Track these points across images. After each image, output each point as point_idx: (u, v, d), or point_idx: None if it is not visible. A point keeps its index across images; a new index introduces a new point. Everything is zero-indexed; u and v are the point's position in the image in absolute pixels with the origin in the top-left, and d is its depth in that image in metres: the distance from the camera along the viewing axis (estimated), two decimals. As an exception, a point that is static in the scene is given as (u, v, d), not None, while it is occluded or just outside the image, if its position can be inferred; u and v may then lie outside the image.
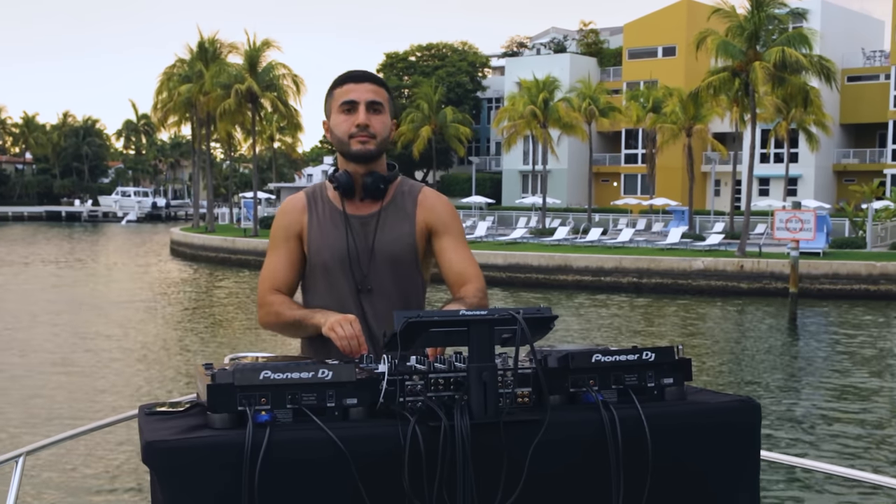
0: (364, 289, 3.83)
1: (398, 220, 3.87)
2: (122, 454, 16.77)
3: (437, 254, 3.91)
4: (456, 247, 3.91)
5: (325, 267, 3.85)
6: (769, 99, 55.09)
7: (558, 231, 59.72)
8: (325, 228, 3.86)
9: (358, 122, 3.77)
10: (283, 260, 3.91)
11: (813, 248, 42.82)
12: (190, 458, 2.67)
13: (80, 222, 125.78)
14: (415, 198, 3.92)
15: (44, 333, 31.30)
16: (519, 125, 71.47)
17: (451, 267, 3.87)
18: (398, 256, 3.85)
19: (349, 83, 3.81)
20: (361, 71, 3.87)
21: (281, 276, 3.90)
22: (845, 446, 18.05)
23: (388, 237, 3.84)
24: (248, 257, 58.45)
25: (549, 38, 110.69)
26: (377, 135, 3.80)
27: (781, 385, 23.45)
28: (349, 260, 3.83)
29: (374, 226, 3.85)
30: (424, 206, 3.91)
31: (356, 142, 3.79)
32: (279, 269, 3.91)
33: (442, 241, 3.90)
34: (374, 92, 3.80)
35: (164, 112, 77.92)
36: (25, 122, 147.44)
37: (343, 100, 3.80)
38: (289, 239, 3.91)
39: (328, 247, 3.84)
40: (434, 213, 3.91)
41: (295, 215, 3.91)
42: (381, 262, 3.83)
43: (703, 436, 3.00)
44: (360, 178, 3.85)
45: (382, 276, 3.84)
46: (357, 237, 3.84)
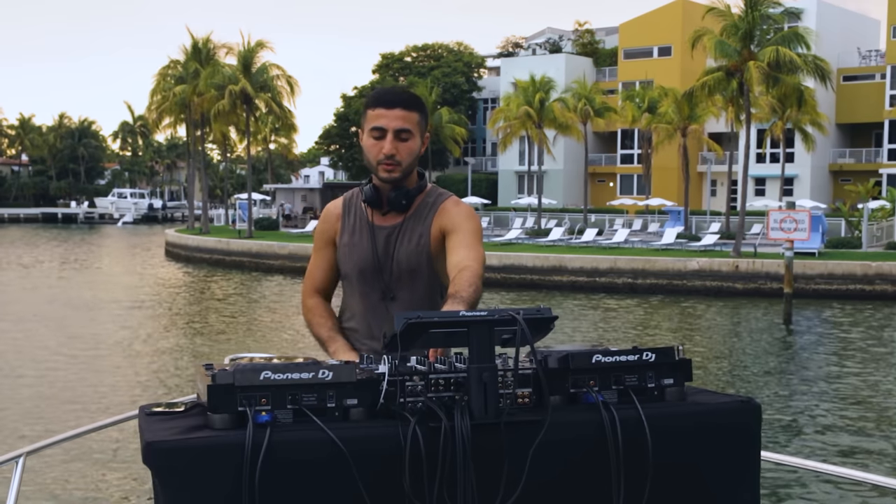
0: (387, 297, 4.02)
1: (416, 230, 4.01)
2: (123, 454, 16.76)
3: (448, 249, 3.95)
4: (461, 241, 3.89)
5: (352, 275, 4.08)
6: (764, 99, 55.05)
7: (553, 232, 59.73)
8: (354, 238, 4.07)
9: (385, 151, 3.90)
10: (321, 263, 4.20)
11: (808, 248, 42.83)
12: (190, 458, 2.67)
13: (77, 224, 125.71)
14: (436, 207, 4.04)
15: (42, 334, 31.29)
16: (514, 125, 71.41)
17: (451, 260, 3.87)
18: (414, 266, 4.00)
19: (380, 108, 3.90)
20: (394, 93, 3.96)
21: (319, 278, 4.20)
22: (841, 447, 18.06)
23: (405, 248, 4.00)
24: (242, 259, 58.43)
25: (545, 38, 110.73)
26: (402, 162, 3.92)
27: (775, 386, 23.44)
28: (373, 270, 4.03)
29: (396, 237, 4.01)
30: (441, 212, 4.02)
31: (382, 169, 3.93)
32: (317, 272, 4.20)
33: (450, 240, 3.95)
34: (402, 119, 3.89)
35: (158, 113, 77.78)
36: (21, 124, 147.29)
37: (373, 125, 3.91)
38: (326, 244, 4.18)
39: (354, 257, 4.06)
40: (447, 216, 4.00)
41: (331, 222, 4.16)
42: (401, 272, 4.00)
43: (704, 436, 3.00)
44: (386, 192, 4.02)
45: (404, 284, 4.01)
46: (380, 249, 4.02)
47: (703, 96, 52.57)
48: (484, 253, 3.91)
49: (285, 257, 55.18)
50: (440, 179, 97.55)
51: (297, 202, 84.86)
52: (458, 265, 3.80)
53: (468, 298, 3.51)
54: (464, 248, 3.87)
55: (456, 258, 3.85)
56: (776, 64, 47.95)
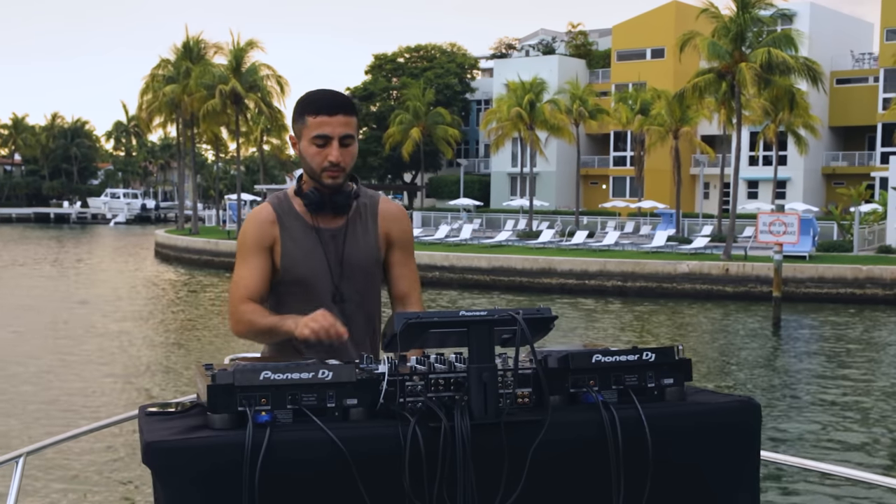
0: (336, 300, 3.96)
1: (363, 232, 4.03)
2: (122, 454, 16.76)
3: (389, 265, 4.11)
4: (406, 261, 4.14)
5: (300, 282, 3.96)
6: (756, 101, 55.07)
7: (543, 234, 59.66)
8: (300, 242, 3.96)
9: (331, 158, 3.87)
10: (254, 270, 3.97)
11: (799, 251, 42.83)
12: (190, 458, 2.68)
13: (69, 224, 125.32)
14: (375, 210, 4.07)
15: (40, 334, 31.25)
16: (506, 127, 71.43)
17: (398, 282, 4.12)
18: (365, 267, 4.01)
19: (322, 115, 3.85)
20: (333, 98, 3.90)
21: (253, 285, 3.95)
22: (830, 449, 18.10)
23: (355, 249, 3.99)
24: (231, 259, 57.96)
25: (538, 39, 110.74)
26: (346, 168, 3.91)
27: (763, 389, 23.44)
28: (323, 273, 3.96)
29: (343, 239, 3.98)
30: (385, 218, 4.08)
31: (327, 176, 3.90)
32: (251, 279, 3.96)
33: (394, 254, 4.10)
34: (345, 125, 3.87)
35: (148, 113, 77.59)
36: (14, 124, 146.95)
37: (316, 133, 3.86)
38: (260, 250, 3.97)
39: (304, 260, 3.95)
40: (393, 225, 4.09)
41: (266, 228, 3.97)
42: (350, 272, 3.98)
43: (704, 436, 3.01)
44: (328, 195, 3.95)
45: (352, 285, 3.98)
46: (329, 251, 3.97)
47: (693, 98, 52.61)
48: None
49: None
50: (433, 181, 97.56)
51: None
52: (406, 296, 4.13)
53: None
54: (407, 271, 4.14)
55: (403, 286, 4.13)
56: (768, 66, 47.99)
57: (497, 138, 73.62)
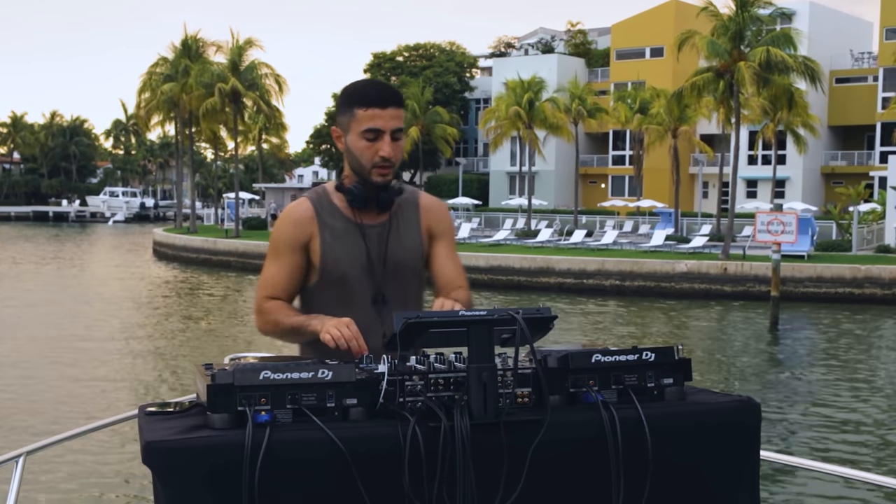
0: (379, 298, 3.82)
1: (407, 228, 3.90)
2: (122, 454, 16.75)
3: (432, 258, 3.97)
4: (449, 253, 4.00)
5: (342, 279, 3.81)
6: (755, 100, 55.04)
7: (542, 233, 59.62)
8: (342, 240, 3.82)
9: (382, 153, 3.72)
10: (285, 269, 3.85)
11: (798, 250, 42.82)
12: (190, 458, 2.67)
13: (68, 223, 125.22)
14: (416, 204, 3.95)
15: (38, 334, 31.20)
16: (504, 126, 71.40)
17: (443, 273, 3.96)
18: (410, 263, 3.89)
19: (374, 108, 3.70)
20: (384, 90, 3.77)
21: (282, 284, 3.85)
22: (827, 448, 18.09)
23: (399, 245, 3.86)
24: (229, 258, 58.24)
25: (537, 38, 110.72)
26: (396, 163, 3.77)
27: (760, 389, 23.43)
28: (367, 271, 3.82)
29: (387, 235, 3.85)
30: (427, 212, 3.96)
31: (378, 173, 3.76)
32: (281, 278, 3.85)
33: (438, 247, 3.97)
34: (397, 118, 3.73)
35: (146, 111, 77.45)
36: (13, 122, 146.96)
37: (368, 126, 3.71)
38: (295, 249, 3.83)
39: (347, 258, 3.81)
40: (435, 218, 3.98)
41: (304, 225, 3.83)
42: (394, 270, 3.85)
43: (703, 436, 3.01)
44: (375, 191, 3.81)
45: (395, 283, 3.85)
46: (372, 247, 3.83)
47: (692, 97, 52.59)
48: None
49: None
50: (431, 179, 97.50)
51: (287, 202, 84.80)
52: (452, 281, 3.96)
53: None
54: (453, 264, 4.00)
55: (449, 273, 3.97)
56: (767, 65, 47.98)
57: (496, 137, 73.57)
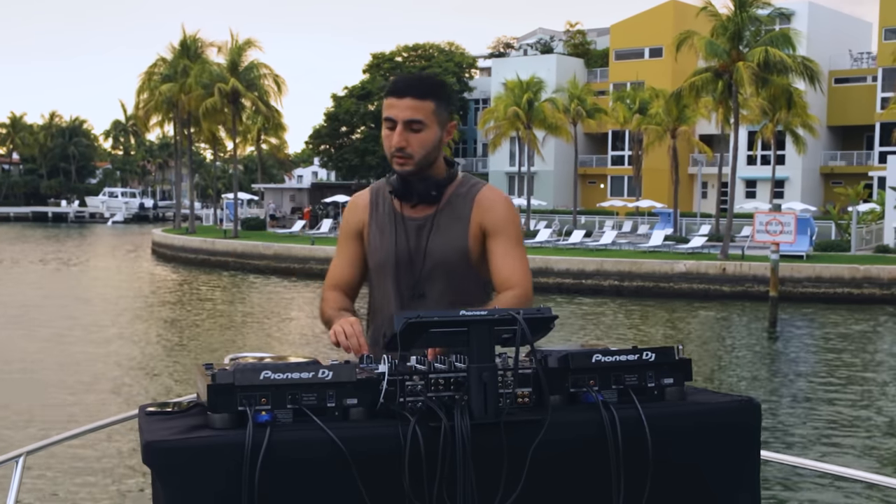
0: (417, 294, 3.80)
1: (452, 223, 3.81)
2: (123, 454, 16.76)
3: (489, 256, 3.82)
4: (506, 251, 3.80)
5: (379, 269, 3.88)
6: (754, 100, 55.07)
7: (540, 233, 59.61)
8: (383, 230, 3.86)
9: (394, 143, 3.72)
10: (345, 258, 3.98)
11: (797, 250, 42.83)
12: (190, 458, 2.67)
13: (67, 223, 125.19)
14: (472, 199, 3.84)
15: (37, 334, 31.21)
16: (503, 126, 71.37)
17: (498, 272, 3.80)
18: (450, 261, 3.80)
19: (392, 97, 3.72)
20: (406, 81, 3.77)
21: (341, 274, 3.97)
22: (826, 448, 18.09)
23: (440, 241, 3.80)
24: (227, 259, 58.22)
25: (536, 38, 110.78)
26: (414, 155, 3.72)
27: (759, 389, 23.42)
28: (401, 264, 3.82)
29: (429, 230, 3.81)
30: (481, 206, 3.83)
31: (395, 162, 3.77)
32: (340, 267, 3.98)
33: (493, 244, 3.81)
34: (413, 109, 3.69)
35: (145, 112, 77.38)
36: (12, 122, 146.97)
37: (386, 115, 3.74)
38: (351, 238, 3.96)
39: (382, 248, 3.85)
40: (489, 213, 3.82)
41: (358, 214, 3.95)
42: (433, 266, 3.80)
43: (704, 436, 3.01)
44: (413, 183, 3.81)
45: (436, 281, 3.80)
46: (411, 241, 3.81)
47: (690, 97, 52.63)
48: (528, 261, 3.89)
49: (270, 258, 55.00)
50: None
51: (286, 202, 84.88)
52: (507, 280, 3.77)
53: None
54: (509, 262, 3.79)
55: (505, 271, 3.78)
56: (765, 65, 48.00)
57: (495, 138, 73.53)
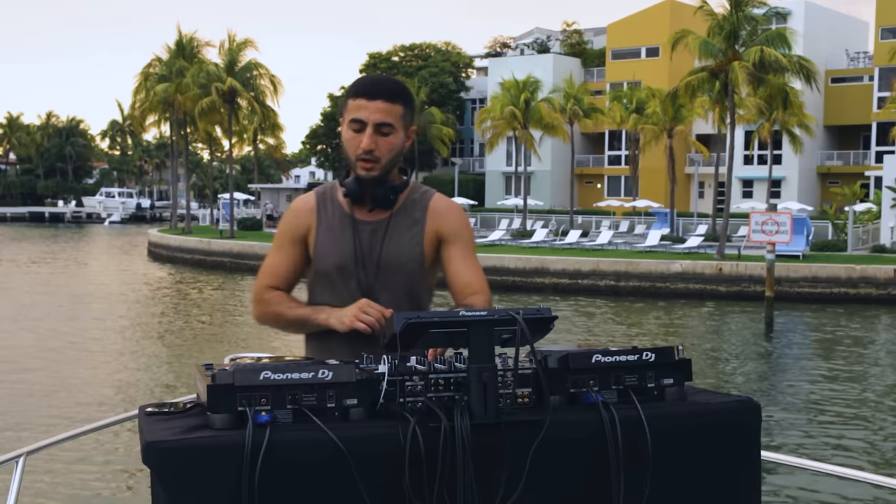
0: (370, 298, 3.70)
1: (407, 227, 3.81)
2: (122, 454, 16.77)
3: (444, 263, 3.86)
4: (464, 257, 3.85)
5: (330, 273, 3.79)
6: (751, 100, 55.13)
7: (537, 233, 59.66)
8: (334, 233, 3.80)
9: (363, 146, 3.67)
10: (285, 261, 3.85)
11: (793, 250, 42.84)
12: (190, 458, 2.67)
13: (64, 223, 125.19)
14: (425, 205, 3.85)
15: (36, 333, 31.20)
16: (500, 126, 71.39)
17: (457, 278, 3.82)
18: (405, 265, 3.80)
19: (361, 98, 3.66)
20: (377, 83, 3.74)
21: (282, 275, 3.85)
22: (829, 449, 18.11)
23: (395, 245, 3.78)
24: (224, 259, 58.24)
25: (533, 38, 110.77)
26: (381, 158, 3.70)
27: (756, 389, 23.41)
28: (355, 267, 3.77)
29: (383, 233, 3.78)
30: (435, 213, 3.84)
31: (361, 166, 3.70)
32: (280, 269, 3.85)
33: (450, 250, 3.84)
34: (384, 112, 3.66)
35: (141, 112, 77.31)
36: (8, 122, 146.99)
37: (353, 116, 3.67)
38: (293, 241, 3.84)
39: (335, 252, 3.78)
40: (445, 220, 3.84)
41: (303, 217, 3.84)
42: (387, 270, 3.78)
43: (704, 436, 3.00)
44: (370, 186, 3.77)
45: (389, 284, 3.78)
46: (364, 244, 3.77)
47: (686, 97, 52.68)
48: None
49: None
50: (427, 180, 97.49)
51: (283, 202, 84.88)
52: (468, 286, 3.81)
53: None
54: (468, 268, 3.84)
55: (466, 276, 3.82)
56: (761, 64, 48.04)
57: (491, 137, 73.61)
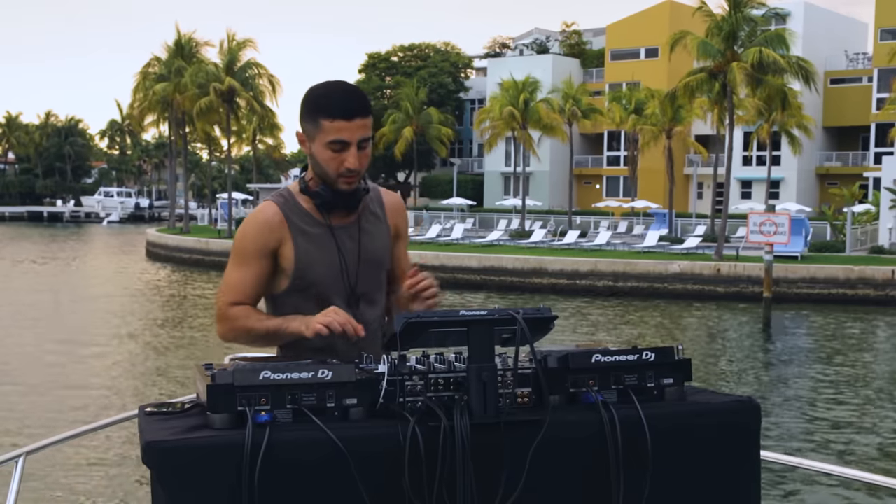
0: (353, 300, 3.77)
1: (376, 226, 3.87)
2: (122, 454, 16.76)
3: (394, 256, 3.98)
4: (405, 252, 4.08)
5: (316, 282, 3.73)
6: (750, 101, 55.11)
7: (535, 234, 59.60)
8: (315, 243, 3.74)
9: (348, 165, 3.64)
10: (251, 275, 3.72)
11: (791, 251, 42.81)
12: (190, 458, 2.68)
13: (62, 223, 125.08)
14: (380, 201, 3.94)
15: (36, 333, 31.18)
16: (499, 126, 71.32)
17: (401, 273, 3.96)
18: (381, 261, 3.87)
19: (339, 119, 3.58)
20: (347, 100, 3.63)
21: (247, 291, 3.72)
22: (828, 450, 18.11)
23: (371, 245, 3.82)
24: (222, 259, 57.90)
25: (532, 38, 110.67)
26: (362, 171, 3.71)
27: (754, 390, 23.38)
28: (341, 271, 3.76)
29: (358, 235, 3.80)
30: (392, 209, 3.97)
31: (343, 182, 3.68)
32: (246, 284, 3.72)
33: (399, 246, 4.02)
34: (363, 127, 3.64)
35: (140, 111, 77.20)
36: (7, 122, 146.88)
37: (333, 138, 3.60)
38: (263, 255, 3.71)
39: (321, 262, 3.73)
40: (399, 216, 4.01)
41: (274, 230, 3.71)
42: (367, 270, 3.81)
43: (703, 436, 3.01)
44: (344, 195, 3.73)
45: (369, 284, 3.83)
46: (344, 248, 3.77)
47: (685, 98, 52.66)
48: None
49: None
50: (426, 180, 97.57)
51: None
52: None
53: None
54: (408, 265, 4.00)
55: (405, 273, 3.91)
56: (759, 65, 48.01)
57: (490, 138, 73.52)
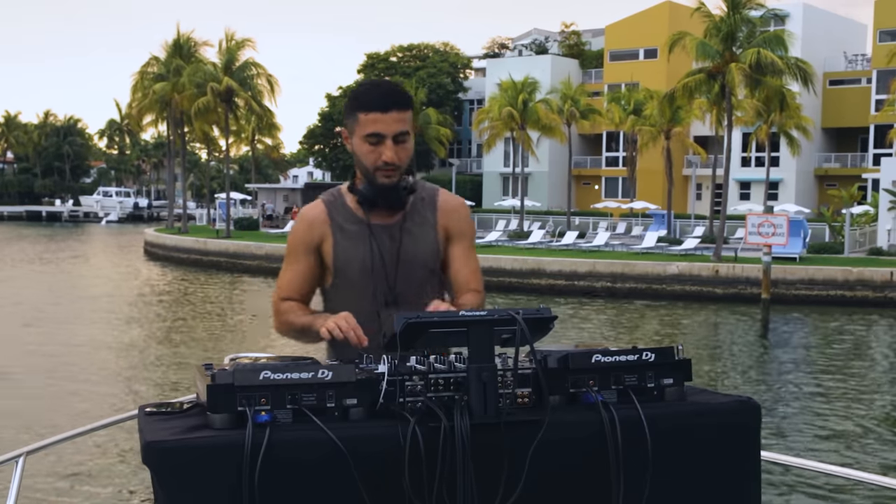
0: (391, 299, 3.80)
1: (422, 227, 3.87)
2: (122, 454, 16.75)
3: (448, 259, 3.93)
4: (467, 255, 3.96)
5: (354, 279, 3.82)
6: (748, 102, 55.11)
7: (533, 234, 59.60)
8: (352, 241, 3.82)
9: (385, 158, 3.71)
10: (299, 271, 3.88)
11: (790, 252, 42.79)
12: (190, 458, 2.68)
13: (61, 222, 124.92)
14: (434, 203, 3.93)
15: (36, 334, 31.16)
16: (497, 127, 71.30)
17: (456, 276, 3.92)
18: (424, 264, 3.86)
19: (375, 112, 3.68)
20: (387, 93, 3.73)
21: (296, 286, 3.89)
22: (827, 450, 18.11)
23: (412, 246, 3.84)
24: (220, 259, 58.13)
25: (531, 39, 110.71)
26: (402, 166, 3.75)
27: (752, 391, 23.35)
28: (377, 271, 3.81)
29: (399, 235, 3.82)
30: (445, 211, 3.93)
31: (382, 175, 3.74)
32: (295, 280, 3.89)
33: (455, 248, 3.94)
34: (400, 121, 3.70)
35: (138, 111, 77.14)
36: (6, 121, 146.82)
37: (369, 131, 3.70)
38: (308, 251, 3.86)
39: (356, 259, 3.81)
40: (453, 218, 3.94)
41: (316, 226, 3.85)
42: (407, 271, 3.82)
43: (704, 436, 3.01)
44: (385, 192, 3.80)
45: (409, 285, 3.82)
46: (383, 247, 3.81)
47: (683, 99, 52.65)
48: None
49: (262, 258, 54.69)
50: (424, 180, 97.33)
51: (279, 202, 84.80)
52: (465, 284, 3.92)
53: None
54: (467, 265, 3.95)
55: (466, 274, 3.93)
56: (757, 66, 48.01)
57: (489, 138, 73.49)
